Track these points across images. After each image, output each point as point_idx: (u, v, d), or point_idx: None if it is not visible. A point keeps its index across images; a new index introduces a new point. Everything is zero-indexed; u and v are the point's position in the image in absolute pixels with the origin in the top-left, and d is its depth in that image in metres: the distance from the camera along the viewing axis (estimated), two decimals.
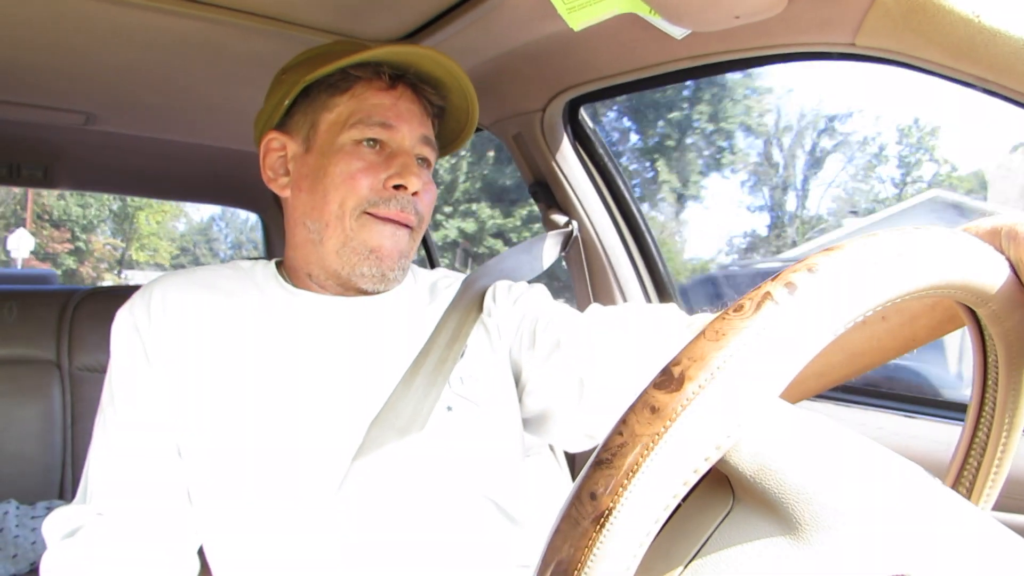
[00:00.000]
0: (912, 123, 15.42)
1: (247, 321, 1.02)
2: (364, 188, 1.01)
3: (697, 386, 0.37)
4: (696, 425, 0.37)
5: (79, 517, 0.94)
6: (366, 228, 1.02)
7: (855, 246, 0.42)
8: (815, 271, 0.40)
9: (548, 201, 1.67)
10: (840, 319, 0.40)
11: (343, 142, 1.02)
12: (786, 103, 13.87)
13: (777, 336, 0.38)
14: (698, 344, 0.39)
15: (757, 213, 18.79)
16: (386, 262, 1.03)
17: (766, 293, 0.39)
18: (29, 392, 1.90)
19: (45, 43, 1.41)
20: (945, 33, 0.80)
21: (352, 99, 1.04)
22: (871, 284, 0.41)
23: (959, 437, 0.59)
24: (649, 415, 0.37)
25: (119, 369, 1.00)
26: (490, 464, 1.02)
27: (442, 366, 1.02)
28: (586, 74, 1.41)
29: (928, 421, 1.16)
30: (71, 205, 18.52)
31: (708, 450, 0.37)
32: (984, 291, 0.50)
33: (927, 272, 0.44)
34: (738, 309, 0.39)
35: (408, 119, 1.05)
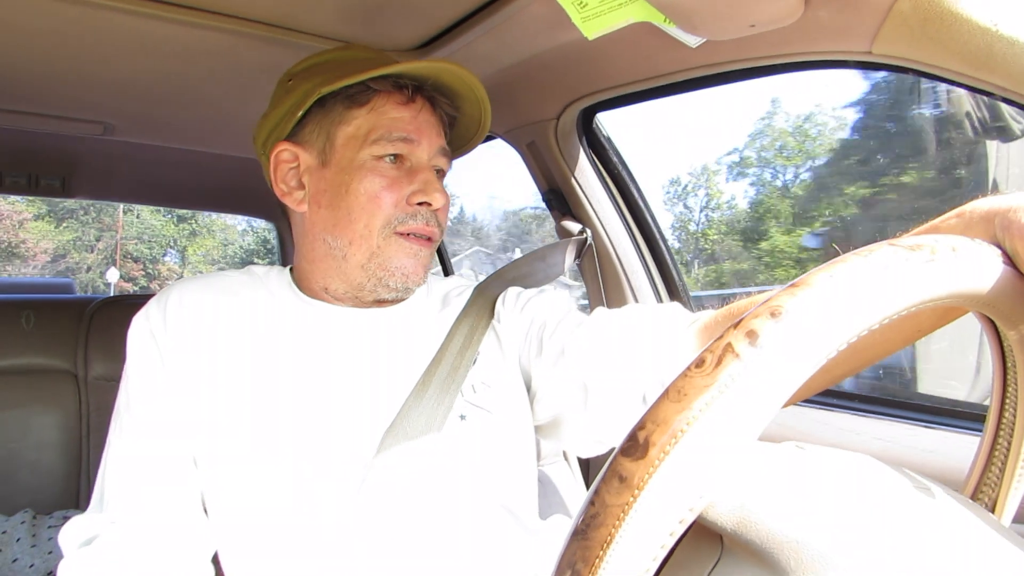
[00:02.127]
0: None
1: (262, 329, 1.02)
2: (389, 206, 1.01)
3: (661, 452, 0.36)
4: (665, 492, 0.36)
5: (95, 526, 0.94)
6: (393, 246, 1.02)
7: (821, 281, 0.40)
8: (778, 316, 0.39)
9: (562, 209, 1.67)
10: (809, 364, 0.39)
11: (364, 158, 1.02)
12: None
13: (740, 392, 0.37)
14: (661, 406, 0.37)
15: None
16: (412, 279, 1.04)
17: (727, 345, 0.38)
18: (46, 401, 1.91)
19: (64, 54, 1.42)
20: (963, 42, 0.80)
21: (371, 113, 1.03)
22: (841, 320, 0.40)
23: (978, 446, 0.58)
24: (618, 484, 0.37)
25: (135, 375, 1.01)
26: (503, 472, 1.02)
27: (454, 374, 1.02)
28: (600, 83, 1.41)
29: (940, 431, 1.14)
30: (142, 248, 27.08)
31: (681, 512, 0.37)
32: (979, 297, 0.48)
33: (905, 293, 0.42)
34: (699, 364, 0.38)
35: (427, 132, 1.05)
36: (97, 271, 21.99)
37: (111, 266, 24.59)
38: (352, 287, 1.05)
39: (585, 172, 1.61)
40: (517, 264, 1.38)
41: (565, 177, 1.62)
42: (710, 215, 22.14)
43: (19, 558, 1.68)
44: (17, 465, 1.85)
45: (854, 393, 1.34)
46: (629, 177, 1.64)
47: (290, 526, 0.93)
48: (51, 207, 24.81)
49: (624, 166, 1.63)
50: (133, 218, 26.94)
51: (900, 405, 1.27)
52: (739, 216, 19.18)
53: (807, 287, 0.40)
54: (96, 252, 25.44)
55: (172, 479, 0.96)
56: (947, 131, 1.95)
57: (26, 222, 23.89)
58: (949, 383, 1.41)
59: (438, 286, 1.19)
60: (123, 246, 25.42)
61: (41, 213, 24.70)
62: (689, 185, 24.20)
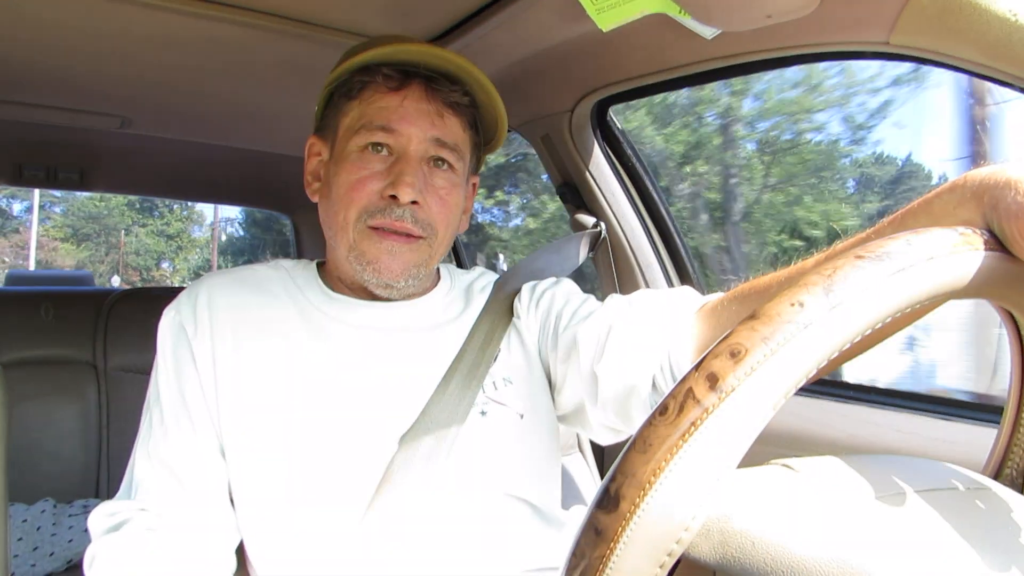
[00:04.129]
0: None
1: (289, 324, 1.03)
2: (364, 199, 1.00)
3: (632, 504, 0.36)
4: (639, 542, 0.36)
5: (123, 512, 0.96)
6: (365, 240, 1.01)
7: (782, 312, 0.39)
8: (738, 356, 0.38)
9: (576, 202, 1.67)
10: (772, 402, 0.38)
11: (351, 149, 1.02)
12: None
13: (703, 439, 0.37)
14: (629, 458, 0.37)
15: None
16: (386, 275, 1.02)
17: (688, 391, 0.38)
18: (66, 392, 1.94)
19: (82, 48, 1.44)
20: (981, 32, 0.79)
21: (361, 103, 1.03)
22: (806, 353, 0.39)
23: (996, 435, 0.58)
24: (594, 537, 0.37)
25: (165, 368, 1.02)
26: (525, 467, 1.03)
27: (476, 371, 1.03)
28: (615, 75, 1.41)
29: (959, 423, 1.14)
30: (139, 260, 34.80)
31: (659, 558, 0.37)
32: (968, 291, 0.46)
33: (877, 310, 0.41)
34: (663, 412, 0.38)
35: (415, 120, 1.02)
36: (105, 278, 29.46)
37: (115, 274, 32.51)
38: (353, 280, 1.06)
39: (599, 165, 1.61)
40: (532, 258, 1.38)
41: (579, 170, 1.61)
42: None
43: (40, 546, 1.70)
44: (38, 455, 1.87)
45: (872, 386, 1.34)
46: (643, 170, 1.63)
47: (314, 517, 0.94)
48: (74, 231, 33.54)
49: (638, 159, 1.63)
50: (132, 238, 35.28)
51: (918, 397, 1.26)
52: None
53: (767, 321, 0.39)
54: (104, 264, 34.32)
55: (201, 470, 0.97)
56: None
57: (58, 245, 32.91)
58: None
59: (461, 279, 1.20)
60: (124, 259, 34.26)
61: (67, 236, 33.38)
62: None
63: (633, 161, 1.62)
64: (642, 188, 1.63)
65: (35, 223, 31.85)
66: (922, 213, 0.62)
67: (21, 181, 2.48)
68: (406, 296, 1.09)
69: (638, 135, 6.91)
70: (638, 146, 1.64)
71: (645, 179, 1.63)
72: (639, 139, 3.02)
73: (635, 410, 0.93)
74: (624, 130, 1.63)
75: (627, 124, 1.65)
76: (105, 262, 33.86)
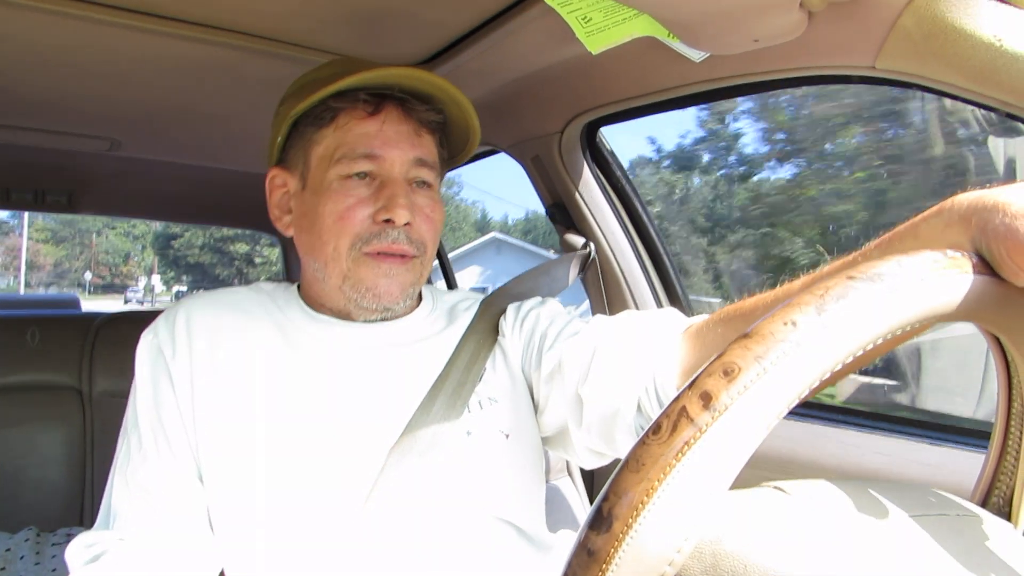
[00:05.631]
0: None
1: (269, 345, 1.02)
2: (356, 226, 0.99)
3: (625, 525, 0.36)
4: (632, 564, 0.36)
5: (102, 543, 0.94)
6: (362, 267, 1.00)
7: (776, 331, 0.39)
8: (732, 374, 0.38)
9: (566, 223, 1.67)
10: (767, 421, 0.38)
11: (331, 179, 1.01)
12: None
13: (697, 458, 0.36)
14: (622, 477, 0.37)
15: None
16: (385, 299, 1.02)
17: (681, 409, 0.37)
18: (51, 418, 1.91)
19: (71, 71, 1.43)
20: (966, 57, 0.80)
21: (336, 131, 1.02)
22: (799, 372, 0.39)
23: (984, 460, 0.57)
24: (587, 559, 0.37)
25: (143, 392, 1.00)
26: (510, 489, 1.02)
27: (461, 391, 1.02)
28: (604, 97, 1.42)
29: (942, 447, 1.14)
30: (108, 258, 40.49)
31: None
32: (958, 315, 0.46)
33: (869, 331, 0.41)
34: (656, 431, 0.37)
35: (396, 143, 1.02)
36: (79, 273, 35.33)
37: (87, 270, 39.47)
38: (341, 308, 1.06)
39: (589, 186, 1.61)
40: (521, 279, 1.37)
41: (569, 191, 1.62)
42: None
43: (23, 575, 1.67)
44: (22, 482, 1.85)
45: (855, 408, 1.34)
46: (632, 191, 1.64)
47: (296, 543, 0.92)
48: (53, 235, 40.42)
49: (627, 180, 1.64)
50: (103, 239, 42.25)
51: (901, 421, 1.26)
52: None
53: (760, 340, 0.39)
54: (79, 260, 40.16)
55: (180, 495, 0.96)
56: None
57: (40, 247, 39.35)
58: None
59: (445, 299, 1.19)
60: (96, 257, 40.24)
61: (47, 239, 40.02)
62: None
63: (622, 182, 1.63)
64: (631, 209, 1.64)
65: (25, 228, 37.79)
66: (909, 236, 0.61)
67: (8, 204, 2.47)
68: (392, 317, 1.09)
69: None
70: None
71: (634, 200, 1.63)
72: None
73: (619, 433, 0.92)
74: (612, 151, 1.63)
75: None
76: (80, 259, 41.81)
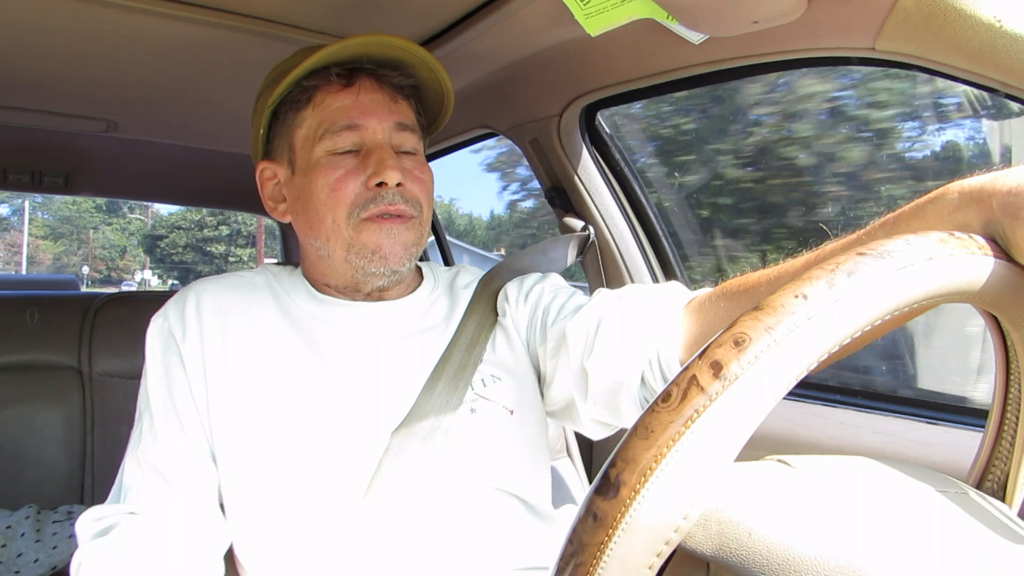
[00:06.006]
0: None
1: (277, 327, 1.04)
2: (350, 195, 1.01)
3: (632, 491, 0.36)
4: (638, 529, 0.36)
5: (112, 516, 0.95)
6: (364, 232, 1.01)
7: (786, 303, 0.40)
8: (742, 344, 0.38)
9: (565, 206, 1.67)
10: (775, 391, 0.39)
11: (318, 156, 1.03)
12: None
13: (706, 426, 0.37)
14: (630, 444, 0.37)
15: None
16: (392, 260, 1.02)
17: (692, 378, 0.38)
18: (51, 397, 1.92)
19: (67, 52, 1.43)
20: (966, 38, 0.80)
21: (315, 110, 1.04)
22: (808, 344, 0.39)
23: (980, 443, 0.58)
24: (593, 524, 0.37)
25: (154, 375, 1.02)
26: (515, 464, 1.03)
27: (463, 370, 1.03)
28: (603, 79, 1.41)
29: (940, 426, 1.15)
30: (104, 252, 45.43)
31: (657, 547, 0.37)
32: (966, 295, 0.46)
33: (878, 307, 0.41)
34: (665, 399, 0.38)
35: (374, 111, 1.04)
36: (77, 267, 39.14)
37: (84, 264, 42.11)
38: (348, 281, 1.06)
39: (588, 169, 1.61)
40: (519, 257, 1.38)
41: (568, 174, 1.62)
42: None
43: (24, 553, 1.69)
44: (22, 461, 1.85)
45: (854, 389, 1.35)
46: (632, 174, 1.64)
47: (303, 521, 0.94)
48: (52, 231, 43.59)
49: (627, 163, 1.64)
50: (99, 235, 45.21)
51: (899, 400, 1.27)
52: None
53: (771, 312, 0.40)
54: (77, 255, 43.82)
55: (191, 473, 0.97)
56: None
57: (39, 243, 42.29)
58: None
59: (444, 276, 1.20)
60: (93, 252, 44.49)
61: (46, 235, 43.14)
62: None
63: (621, 165, 1.63)
64: (630, 192, 1.64)
65: (26, 223, 40.33)
66: (914, 218, 0.61)
67: (5, 185, 2.46)
68: (395, 294, 1.10)
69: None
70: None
71: (633, 183, 1.63)
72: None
73: (624, 404, 0.93)
74: (612, 134, 1.63)
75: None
76: (78, 254, 44.87)
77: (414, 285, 1.14)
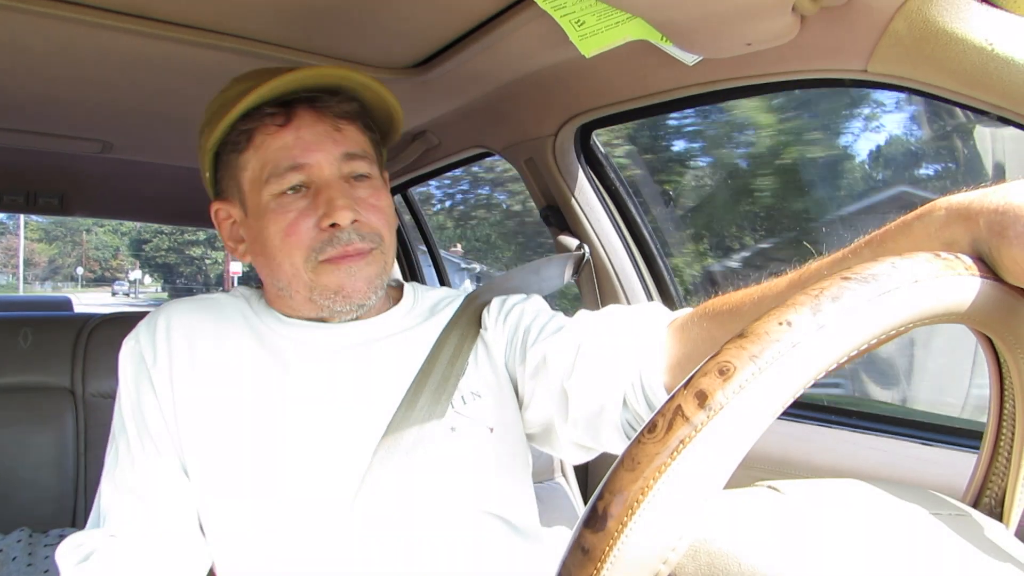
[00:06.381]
0: None
1: (246, 347, 1.03)
2: (305, 239, 0.98)
3: (620, 523, 0.36)
4: (626, 562, 0.36)
5: (92, 542, 0.94)
6: (323, 275, 0.99)
7: (770, 331, 0.39)
8: (727, 374, 0.38)
9: (560, 225, 1.67)
10: (761, 420, 0.38)
11: (267, 200, 1.00)
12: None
13: (692, 457, 0.37)
14: (617, 476, 0.37)
15: None
16: (356, 296, 1.00)
17: (677, 408, 0.38)
18: (43, 419, 1.90)
19: (62, 73, 1.43)
20: (958, 60, 0.80)
21: (256, 152, 1.01)
22: (794, 372, 0.39)
23: (976, 463, 0.58)
24: (581, 557, 0.37)
25: (127, 398, 1.01)
26: (498, 482, 1.02)
27: (444, 385, 1.02)
28: (597, 100, 1.42)
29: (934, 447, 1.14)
30: (98, 253, 46.10)
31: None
32: (955, 317, 0.46)
33: (864, 332, 0.41)
34: (651, 429, 0.38)
35: (318, 146, 1.00)
36: (71, 268, 40.07)
37: (79, 265, 44.83)
38: (314, 315, 1.06)
39: (583, 188, 1.61)
40: (510, 276, 1.37)
41: (563, 193, 1.62)
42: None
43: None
44: (14, 483, 1.84)
45: (849, 409, 1.35)
46: (627, 193, 1.64)
47: (284, 541, 0.93)
48: (46, 234, 45.94)
49: (622, 182, 1.64)
50: (93, 236, 47.61)
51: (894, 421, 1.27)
52: None
53: (755, 339, 0.39)
54: (71, 257, 46.27)
55: (168, 495, 0.97)
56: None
57: (35, 246, 43.87)
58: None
59: (426, 296, 1.18)
60: (86, 253, 45.89)
61: (41, 238, 45.61)
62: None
63: (616, 184, 1.63)
64: (625, 211, 1.64)
65: (22, 228, 42.71)
66: (900, 235, 0.60)
67: (0, 207, 2.46)
68: (367, 315, 1.08)
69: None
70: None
71: (628, 202, 1.64)
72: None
73: (605, 427, 0.91)
74: (607, 154, 1.64)
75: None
76: (72, 256, 47.92)
77: (389, 304, 1.13)
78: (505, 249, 7.59)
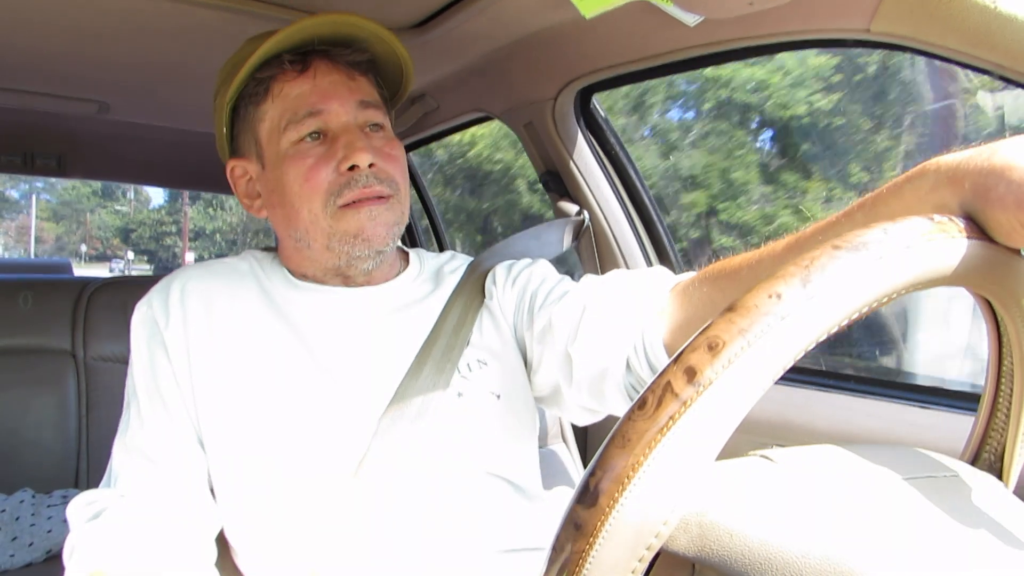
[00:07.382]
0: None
1: (259, 312, 1.03)
2: (323, 183, 0.98)
3: (611, 500, 0.37)
4: (618, 537, 0.37)
5: (102, 500, 0.96)
6: (343, 219, 0.99)
7: (760, 303, 0.39)
8: (716, 349, 0.38)
9: (559, 190, 1.67)
10: (752, 394, 0.38)
11: (285, 148, 1.00)
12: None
13: (682, 433, 0.37)
14: (608, 452, 0.37)
15: None
16: (375, 241, 1.01)
17: (666, 384, 0.37)
18: (45, 381, 1.91)
19: (60, 33, 1.42)
20: (961, 19, 0.80)
21: (275, 101, 1.02)
22: (785, 344, 0.39)
23: (974, 420, 0.58)
24: (574, 532, 0.37)
25: (139, 362, 1.02)
26: (503, 446, 1.03)
27: (450, 353, 1.02)
28: (598, 62, 1.41)
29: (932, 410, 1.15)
30: (100, 233, 51.36)
31: (639, 551, 0.37)
32: (950, 279, 0.46)
33: (856, 300, 0.41)
34: (641, 406, 0.38)
35: (334, 93, 1.01)
36: (76, 245, 45.52)
37: (83, 243, 48.08)
38: (331, 269, 1.05)
39: (582, 153, 1.61)
40: (510, 242, 1.37)
41: (562, 158, 1.61)
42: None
43: (19, 536, 1.69)
44: (17, 445, 1.85)
45: (846, 373, 1.35)
46: (626, 158, 1.63)
47: (292, 502, 0.94)
48: (53, 213, 49.67)
49: (621, 147, 1.63)
50: (96, 216, 50.92)
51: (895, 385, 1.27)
52: None
53: (744, 313, 0.39)
54: (76, 235, 50.03)
55: (179, 458, 0.98)
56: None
57: (44, 225, 47.74)
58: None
59: (431, 262, 1.19)
60: (90, 232, 50.46)
61: (48, 217, 49.30)
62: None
63: (616, 149, 1.62)
64: (625, 176, 1.63)
65: (33, 208, 45.93)
66: (892, 198, 0.60)
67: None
68: (377, 279, 1.09)
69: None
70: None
71: (628, 167, 1.63)
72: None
73: (609, 390, 0.92)
74: (607, 118, 1.63)
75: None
76: (76, 234, 50.90)
77: (397, 270, 1.13)
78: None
